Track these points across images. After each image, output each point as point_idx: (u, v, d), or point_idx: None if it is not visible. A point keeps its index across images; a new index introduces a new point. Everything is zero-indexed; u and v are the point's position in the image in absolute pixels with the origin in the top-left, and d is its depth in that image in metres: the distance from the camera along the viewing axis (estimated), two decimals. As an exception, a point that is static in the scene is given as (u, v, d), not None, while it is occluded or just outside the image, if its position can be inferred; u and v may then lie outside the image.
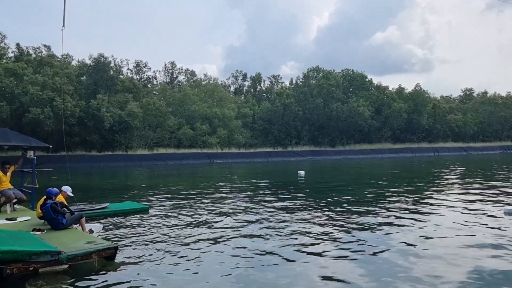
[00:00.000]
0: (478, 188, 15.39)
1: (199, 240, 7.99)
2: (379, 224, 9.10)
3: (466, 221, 9.23)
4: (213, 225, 9.38)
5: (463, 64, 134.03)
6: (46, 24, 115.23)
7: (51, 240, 6.69)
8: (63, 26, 10.04)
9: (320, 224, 9.26)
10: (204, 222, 9.81)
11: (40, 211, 8.13)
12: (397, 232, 8.32)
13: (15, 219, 8.98)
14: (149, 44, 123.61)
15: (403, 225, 8.97)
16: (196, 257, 6.78)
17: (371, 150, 56.79)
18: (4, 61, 46.81)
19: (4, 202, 9.99)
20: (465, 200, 12.44)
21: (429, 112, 64.35)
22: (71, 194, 8.89)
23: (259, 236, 8.21)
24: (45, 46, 51.77)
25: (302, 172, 23.70)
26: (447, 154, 56.86)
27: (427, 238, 7.82)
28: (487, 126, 68.96)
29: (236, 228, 9.07)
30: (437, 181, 18.55)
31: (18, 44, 50.20)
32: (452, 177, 20.61)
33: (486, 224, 8.88)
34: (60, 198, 8.34)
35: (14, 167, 10.55)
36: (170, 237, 8.25)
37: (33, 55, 50.50)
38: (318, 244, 7.55)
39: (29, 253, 5.75)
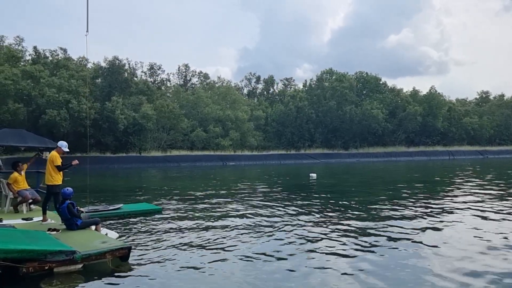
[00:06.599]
0: (496, 192, 15.09)
1: (212, 241, 7.99)
2: (392, 230, 8.98)
3: (483, 226, 9.06)
4: (225, 227, 9.37)
5: (479, 66, 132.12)
6: (62, 27, 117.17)
7: (66, 240, 6.77)
8: (87, 31, 10.21)
9: (329, 229, 9.18)
10: (216, 223, 9.82)
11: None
12: (410, 238, 8.21)
13: (31, 219, 9.15)
14: (163, 46, 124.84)
15: (417, 229, 8.84)
16: (209, 259, 6.77)
17: (385, 153, 56.27)
18: (22, 64, 47.74)
19: (20, 202, 10.20)
20: (483, 204, 12.21)
21: (444, 115, 63.51)
22: (67, 150, 8.87)
23: (270, 240, 8.17)
24: (61, 48, 52.76)
25: (313, 175, 23.57)
26: (463, 157, 56.02)
27: (443, 242, 7.69)
28: (504, 129, 67.78)
29: (248, 231, 9.04)
30: (454, 185, 18.26)
31: (35, 47, 51.22)
32: (469, 180, 20.26)
33: (504, 229, 8.70)
34: (55, 154, 8.60)
35: (26, 165, 10.74)
36: (183, 238, 8.27)
37: (50, 58, 51.41)
38: (328, 249, 7.49)
39: (45, 252, 5.82)
